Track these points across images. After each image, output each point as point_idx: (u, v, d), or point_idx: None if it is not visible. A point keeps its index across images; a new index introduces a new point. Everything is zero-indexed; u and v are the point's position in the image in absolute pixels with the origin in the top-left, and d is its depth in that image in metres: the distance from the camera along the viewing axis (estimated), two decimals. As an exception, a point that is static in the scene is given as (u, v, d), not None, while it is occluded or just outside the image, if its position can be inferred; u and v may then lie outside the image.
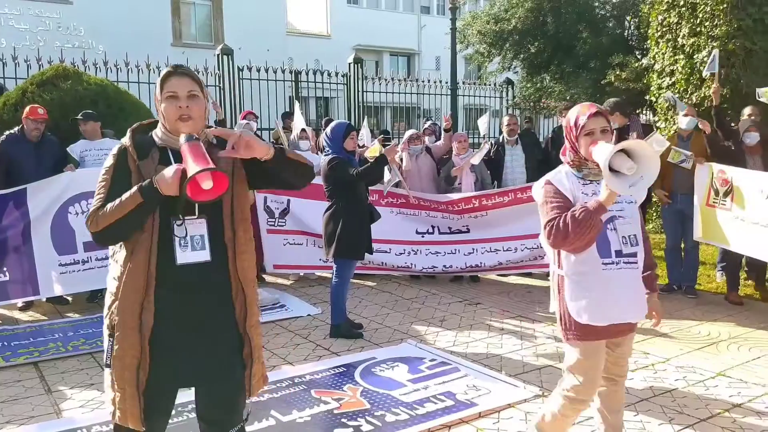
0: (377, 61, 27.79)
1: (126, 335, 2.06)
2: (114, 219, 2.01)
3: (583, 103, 2.68)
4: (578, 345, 2.58)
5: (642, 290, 2.64)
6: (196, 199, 1.97)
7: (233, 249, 2.14)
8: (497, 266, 6.65)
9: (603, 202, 2.37)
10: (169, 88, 2.11)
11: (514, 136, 7.18)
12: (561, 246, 2.50)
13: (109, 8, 16.55)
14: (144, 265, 2.05)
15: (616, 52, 11.74)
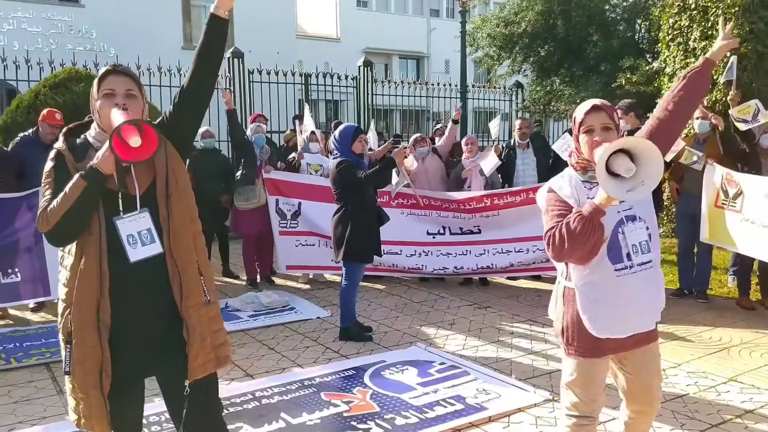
0: (386, 64, 27.82)
1: (85, 339, 2.05)
2: (63, 211, 1.99)
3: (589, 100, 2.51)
4: (579, 360, 2.40)
5: (660, 290, 2.42)
6: (126, 159, 1.94)
7: (168, 229, 2.10)
8: (509, 267, 6.63)
9: (599, 205, 2.16)
10: (106, 85, 2.10)
11: (526, 139, 7.17)
12: (562, 258, 2.31)
13: (120, 11, 16.67)
14: (95, 267, 2.04)
15: (626, 56, 11.71)
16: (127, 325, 2.08)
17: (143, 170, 2.11)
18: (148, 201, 2.09)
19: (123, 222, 2.05)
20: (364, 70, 12.36)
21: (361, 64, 12.50)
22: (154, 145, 1.96)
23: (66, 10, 17.04)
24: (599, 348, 2.36)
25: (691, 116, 2.59)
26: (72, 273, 2.06)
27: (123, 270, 2.06)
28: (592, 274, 2.31)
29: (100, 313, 2.05)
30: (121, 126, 1.90)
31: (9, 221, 5.44)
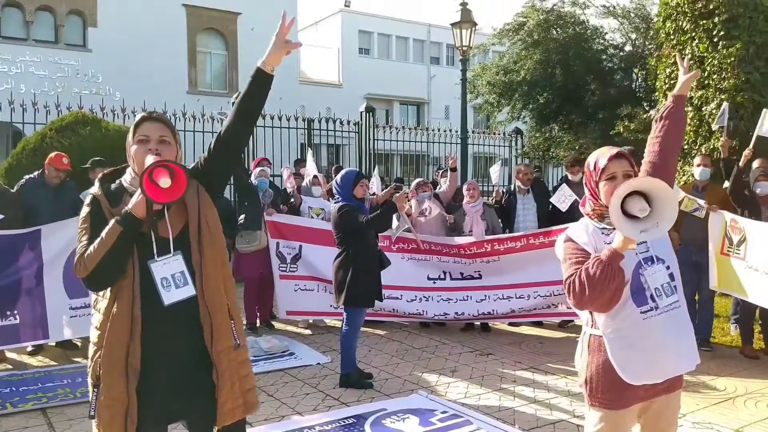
0: (387, 109, 28.22)
1: (113, 384, 2.05)
2: (100, 256, 2.01)
3: (603, 147, 2.51)
4: (604, 412, 2.32)
5: (691, 332, 2.36)
6: (157, 200, 1.98)
7: (200, 272, 2.13)
8: (510, 314, 6.59)
9: (618, 249, 2.13)
10: (141, 131, 2.16)
11: (528, 185, 7.22)
12: (583, 305, 2.24)
13: (126, 56, 16.99)
14: (128, 311, 2.05)
15: (624, 104, 11.90)
16: (155, 369, 2.08)
17: (176, 214, 2.15)
18: (180, 244, 2.12)
19: (157, 265, 2.06)
20: (366, 116, 12.53)
21: (363, 109, 12.68)
22: (183, 185, 2.00)
23: (73, 54, 17.39)
24: (626, 398, 2.30)
25: (679, 152, 2.63)
26: (104, 316, 2.08)
27: (154, 313, 2.07)
28: (618, 319, 2.26)
29: (129, 357, 2.05)
30: (152, 168, 1.95)
31: (10, 260, 5.44)
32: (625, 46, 14.86)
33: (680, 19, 8.61)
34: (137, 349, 2.05)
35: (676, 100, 2.58)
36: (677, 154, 2.64)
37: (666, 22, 8.93)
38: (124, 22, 17.28)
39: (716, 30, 8.16)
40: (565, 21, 14.22)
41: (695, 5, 8.36)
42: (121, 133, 7.32)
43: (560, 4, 14.30)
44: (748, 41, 7.97)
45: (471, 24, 11.43)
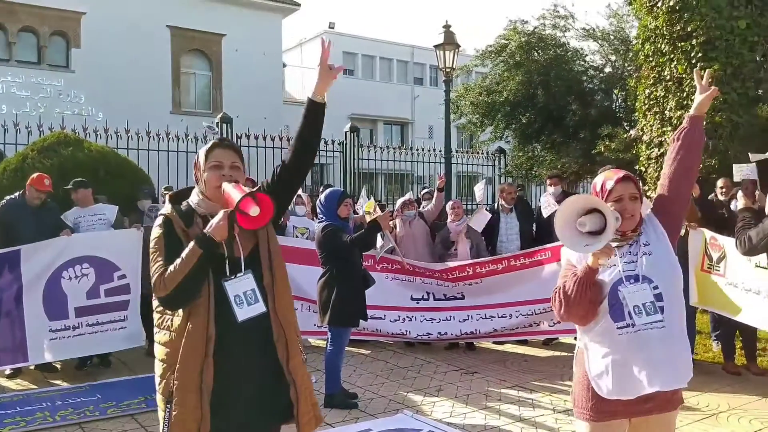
0: (372, 129, 28.37)
1: (187, 399, 2.10)
2: (181, 277, 2.08)
3: (609, 168, 2.55)
4: (588, 424, 2.35)
5: (679, 352, 2.30)
6: (249, 228, 2.11)
7: (272, 293, 2.23)
8: (492, 333, 6.61)
9: (591, 265, 2.26)
10: (214, 158, 2.24)
11: (512, 204, 7.27)
12: (564, 317, 2.38)
13: (109, 77, 16.94)
14: (203, 328, 2.12)
15: (604, 124, 12.07)
16: (229, 386, 2.15)
17: (245, 236, 2.24)
18: (250, 264, 2.21)
19: (231, 283, 2.15)
20: (350, 136, 12.59)
21: (348, 129, 12.74)
22: (270, 211, 2.13)
23: (56, 75, 17.31)
24: (604, 412, 2.31)
25: (696, 172, 2.57)
26: (177, 334, 2.14)
27: (227, 331, 2.14)
28: (594, 332, 2.34)
29: (203, 374, 2.11)
30: (241, 200, 2.05)
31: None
32: (605, 68, 15.12)
33: (659, 42, 8.78)
34: (210, 367, 2.11)
35: (692, 120, 2.48)
36: (694, 175, 2.55)
37: (645, 44, 9.10)
38: (108, 43, 17.26)
39: (694, 52, 8.34)
40: (546, 43, 14.44)
41: (673, 28, 8.54)
42: (103, 154, 7.28)
43: (541, 27, 14.54)
44: (726, 63, 8.15)
45: (454, 46, 11.57)
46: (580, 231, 2.21)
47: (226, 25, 19.40)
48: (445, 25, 11.61)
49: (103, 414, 4.74)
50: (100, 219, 6.17)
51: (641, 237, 2.37)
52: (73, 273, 5.74)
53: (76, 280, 5.75)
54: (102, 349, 5.99)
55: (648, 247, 2.34)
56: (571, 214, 2.21)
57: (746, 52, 8.23)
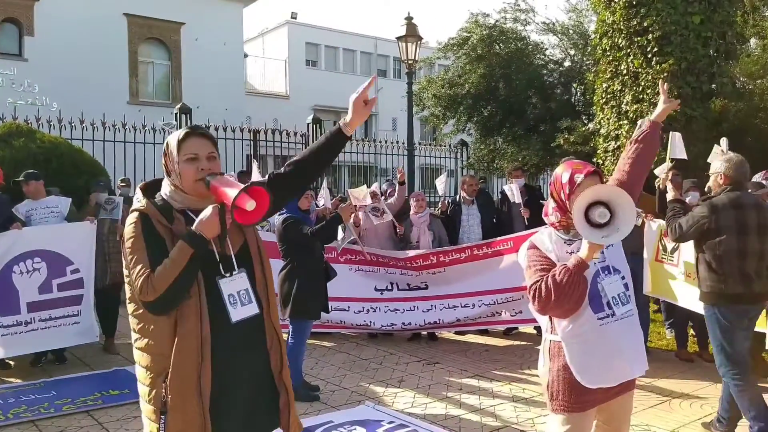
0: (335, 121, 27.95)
1: (185, 407, 1.95)
2: (172, 278, 1.92)
3: (572, 160, 2.58)
4: (564, 415, 2.40)
5: (641, 338, 2.52)
6: (245, 223, 1.98)
7: (266, 297, 2.14)
8: (455, 323, 6.67)
9: (584, 258, 2.25)
10: (188, 149, 2.06)
11: (473, 195, 7.33)
12: (548, 310, 2.35)
13: (64, 66, 16.46)
14: (196, 331, 1.96)
15: (564, 117, 12.26)
16: (227, 391, 2.03)
17: (233, 232, 2.11)
18: (241, 262, 2.10)
19: (225, 282, 2.03)
20: (313, 127, 12.51)
21: (311, 121, 12.66)
22: (266, 204, 1.96)
23: (8, 63, 16.73)
24: (584, 402, 2.38)
25: (647, 175, 2.72)
26: (163, 339, 1.97)
27: (222, 333, 2.01)
28: (576, 325, 2.37)
29: (201, 378, 1.96)
30: (238, 195, 1.90)
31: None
32: (564, 62, 15.34)
33: (616, 36, 8.94)
34: (208, 371, 1.97)
35: (652, 125, 2.65)
36: (645, 176, 2.72)
37: (602, 39, 9.26)
38: (63, 31, 16.75)
39: (650, 47, 8.51)
40: (507, 37, 14.58)
41: (630, 23, 8.70)
42: (55, 145, 7.07)
43: (502, 20, 14.66)
44: (680, 58, 8.34)
45: (416, 38, 11.58)
46: (598, 222, 2.19)
47: (185, 14, 19.03)
48: (407, 17, 11.61)
49: (59, 411, 4.63)
50: (52, 212, 6.00)
51: None
52: (24, 267, 5.58)
53: (27, 275, 5.59)
54: (55, 344, 5.84)
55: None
56: (585, 206, 2.20)
57: (700, 47, 8.44)
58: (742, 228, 3.89)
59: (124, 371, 5.66)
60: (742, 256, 3.89)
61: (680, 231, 4.12)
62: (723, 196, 3.99)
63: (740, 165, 4.07)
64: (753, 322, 4.01)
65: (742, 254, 3.89)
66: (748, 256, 3.90)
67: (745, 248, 3.89)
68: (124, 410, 4.67)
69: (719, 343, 3.94)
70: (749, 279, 3.89)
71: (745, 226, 3.89)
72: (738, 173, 4.03)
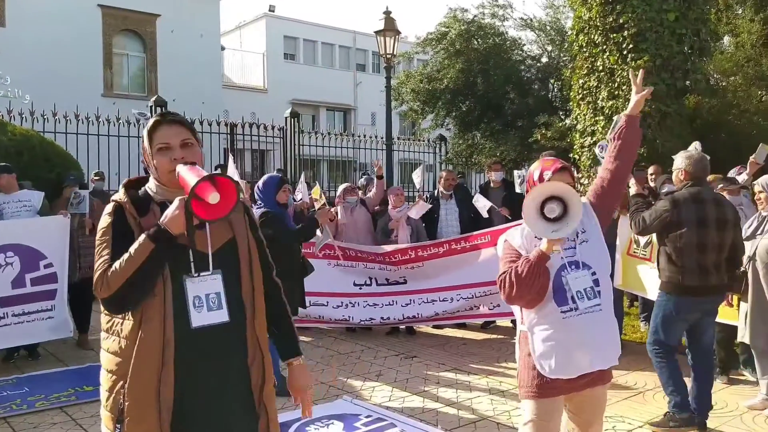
0: (314, 115, 28.11)
1: (143, 417, 1.80)
2: (127, 275, 1.78)
3: (544, 158, 2.67)
4: (533, 402, 2.50)
5: (612, 333, 2.53)
6: (208, 219, 1.78)
7: (252, 306, 1.93)
8: (434, 317, 6.69)
9: (544, 251, 2.34)
10: (159, 139, 1.91)
11: (451, 190, 7.35)
12: (512, 300, 2.45)
13: (36, 57, 16.14)
14: (159, 333, 1.80)
15: (541, 113, 12.37)
16: (192, 405, 1.85)
17: (219, 228, 1.93)
18: (222, 262, 1.90)
19: (193, 282, 1.85)
20: (291, 121, 12.44)
21: (288, 115, 12.58)
22: (233, 198, 1.77)
23: (-22, 54, 16.37)
24: (551, 389, 2.46)
25: (631, 169, 2.77)
26: (129, 340, 1.82)
27: (189, 339, 1.84)
28: (540, 316, 2.46)
29: (161, 386, 1.80)
30: (196, 185, 1.74)
31: None
32: (541, 58, 15.47)
33: (592, 33, 9.03)
34: (170, 378, 1.80)
35: (628, 120, 2.65)
36: (630, 172, 2.76)
37: (579, 35, 9.34)
38: (35, 22, 16.42)
39: (626, 43, 8.61)
40: (485, 32, 14.65)
41: (606, 20, 8.79)
42: (27, 138, 6.93)
43: (480, 16, 14.73)
44: (655, 54, 8.46)
45: (394, 32, 11.57)
46: (547, 217, 2.27)
47: (160, 5, 18.78)
48: (385, 11, 11.59)
49: (31, 407, 4.56)
50: (25, 206, 5.89)
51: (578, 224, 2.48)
52: (-4, 261, 5.48)
53: (0, 270, 5.49)
54: (28, 339, 5.75)
55: (585, 234, 2.51)
56: (538, 200, 2.28)
57: (675, 44, 8.56)
58: (702, 222, 4.01)
59: (99, 367, 5.56)
60: (701, 249, 4.01)
61: (643, 224, 4.24)
62: (684, 191, 4.11)
63: (700, 161, 4.19)
64: (707, 314, 4.15)
65: (701, 247, 4.01)
66: (708, 249, 4.02)
67: (705, 241, 4.01)
68: (98, 406, 4.58)
69: (657, 327, 4.16)
70: (707, 272, 4.02)
71: (704, 220, 4.01)
72: (698, 169, 4.15)
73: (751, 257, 4.34)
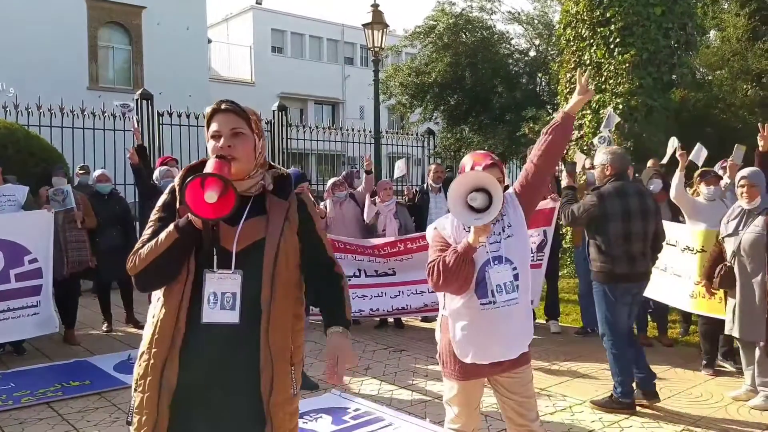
0: (302, 109, 28.02)
1: (148, 392, 1.86)
2: (152, 258, 1.84)
3: (476, 152, 2.78)
4: (452, 382, 2.69)
5: (525, 325, 2.69)
6: (201, 215, 1.77)
7: (268, 312, 1.87)
8: (423, 308, 6.68)
9: (471, 243, 2.45)
10: (212, 128, 1.93)
11: (440, 183, 7.36)
12: (440, 288, 2.60)
13: (21, 50, 15.95)
14: (172, 320, 1.85)
15: (529, 106, 12.38)
16: (194, 398, 1.86)
17: (253, 226, 1.91)
18: (245, 262, 1.88)
19: (212, 277, 1.85)
20: (279, 114, 12.38)
21: (276, 108, 12.52)
22: (228, 207, 1.76)
23: (-40, 47, 16.15)
24: (469, 372, 2.64)
25: (557, 165, 2.85)
26: (154, 320, 1.90)
27: (202, 332, 1.85)
28: (461, 306, 2.61)
29: (165, 370, 1.85)
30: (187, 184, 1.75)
31: None
32: (529, 52, 15.48)
33: (579, 27, 9.06)
34: (174, 363, 1.84)
35: (565, 117, 2.72)
36: (554, 167, 2.88)
37: (566, 29, 9.37)
38: (19, 14, 16.22)
39: (612, 37, 8.65)
40: (473, 25, 14.63)
41: (593, 14, 8.82)
42: (11, 131, 6.86)
43: (468, 9, 14.71)
44: (642, 48, 8.50)
45: (382, 25, 11.53)
46: (470, 206, 2.38)
47: (146, -3, 18.61)
48: (373, 4, 11.54)
49: (17, 403, 4.52)
50: (9, 200, 5.82)
51: (504, 218, 2.62)
52: (-20, 255, 5.42)
53: (-15, 264, 5.43)
54: (13, 336, 5.69)
55: (510, 229, 2.63)
56: (463, 189, 2.38)
57: (661, 38, 8.61)
58: (626, 214, 4.24)
59: (85, 362, 5.56)
60: (627, 239, 4.25)
61: (572, 216, 4.46)
62: (609, 186, 4.34)
63: (623, 157, 4.47)
64: (636, 298, 4.40)
65: (627, 237, 4.25)
66: (633, 238, 4.26)
67: (630, 232, 4.25)
68: (85, 401, 4.59)
69: (605, 316, 4.35)
70: (634, 260, 4.27)
71: (629, 212, 4.25)
72: (621, 164, 4.40)
73: (736, 252, 4.38)
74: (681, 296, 5.39)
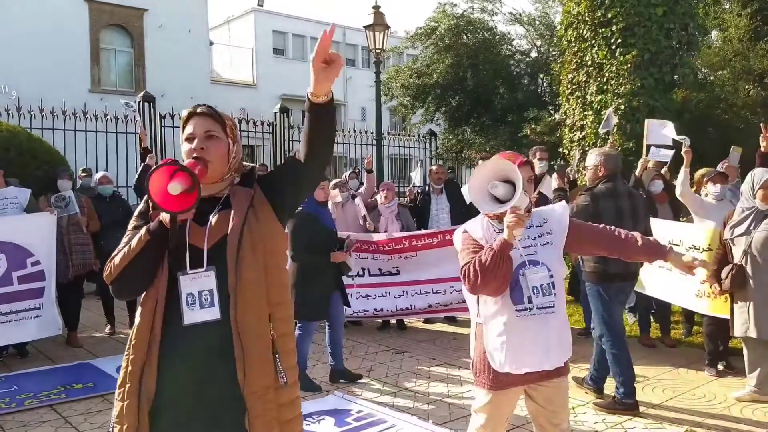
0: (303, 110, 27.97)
1: (128, 399, 1.84)
2: (125, 263, 1.84)
3: (506, 152, 2.73)
4: (485, 391, 2.61)
5: (563, 337, 2.59)
6: (169, 209, 1.76)
7: (235, 296, 1.84)
8: (427, 309, 6.68)
9: (506, 239, 2.39)
10: (187, 131, 1.95)
11: (441, 184, 7.36)
12: (477, 290, 2.50)
13: (23, 53, 15.96)
14: (147, 326, 1.84)
15: (530, 107, 12.39)
16: (173, 402, 1.84)
17: (220, 222, 1.90)
18: (216, 258, 1.86)
19: (186, 278, 1.84)
20: (281, 116, 12.39)
21: (278, 110, 12.53)
22: (188, 203, 1.75)
23: (-37, 50, 16.17)
24: (503, 382, 2.56)
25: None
26: (133, 327, 1.89)
27: (178, 335, 1.83)
28: (496, 311, 2.54)
29: (143, 377, 1.83)
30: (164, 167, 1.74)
31: None
32: (531, 53, 15.48)
33: (581, 28, 9.05)
34: (153, 370, 1.82)
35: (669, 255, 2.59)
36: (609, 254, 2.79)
37: (568, 30, 9.37)
38: (22, 17, 16.22)
39: (614, 38, 8.65)
40: (474, 27, 14.64)
41: (594, 14, 8.82)
42: (13, 134, 6.87)
43: (470, 11, 14.71)
44: (643, 49, 8.50)
45: (384, 27, 11.53)
46: (491, 194, 2.38)
47: (148, 0, 18.61)
48: (374, 5, 11.55)
49: (20, 406, 4.53)
50: (11, 203, 5.83)
51: (546, 224, 2.60)
52: (-19, 259, 5.43)
53: (-15, 268, 5.44)
54: (16, 338, 5.69)
55: (550, 236, 2.58)
56: (485, 177, 2.39)
57: (663, 38, 8.60)
58: (619, 214, 4.34)
59: (88, 365, 5.56)
60: None
61: None
62: (601, 186, 4.43)
63: (615, 158, 4.55)
64: (629, 296, 4.54)
65: None
66: None
67: None
68: (88, 404, 4.60)
69: (601, 316, 4.38)
70: None
71: (620, 212, 4.35)
72: (613, 166, 4.47)
73: (747, 251, 4.36)
74: (687, 295, 5.38)
